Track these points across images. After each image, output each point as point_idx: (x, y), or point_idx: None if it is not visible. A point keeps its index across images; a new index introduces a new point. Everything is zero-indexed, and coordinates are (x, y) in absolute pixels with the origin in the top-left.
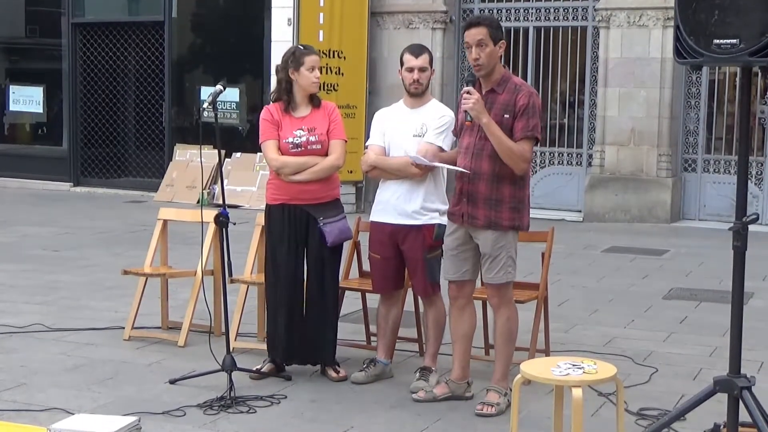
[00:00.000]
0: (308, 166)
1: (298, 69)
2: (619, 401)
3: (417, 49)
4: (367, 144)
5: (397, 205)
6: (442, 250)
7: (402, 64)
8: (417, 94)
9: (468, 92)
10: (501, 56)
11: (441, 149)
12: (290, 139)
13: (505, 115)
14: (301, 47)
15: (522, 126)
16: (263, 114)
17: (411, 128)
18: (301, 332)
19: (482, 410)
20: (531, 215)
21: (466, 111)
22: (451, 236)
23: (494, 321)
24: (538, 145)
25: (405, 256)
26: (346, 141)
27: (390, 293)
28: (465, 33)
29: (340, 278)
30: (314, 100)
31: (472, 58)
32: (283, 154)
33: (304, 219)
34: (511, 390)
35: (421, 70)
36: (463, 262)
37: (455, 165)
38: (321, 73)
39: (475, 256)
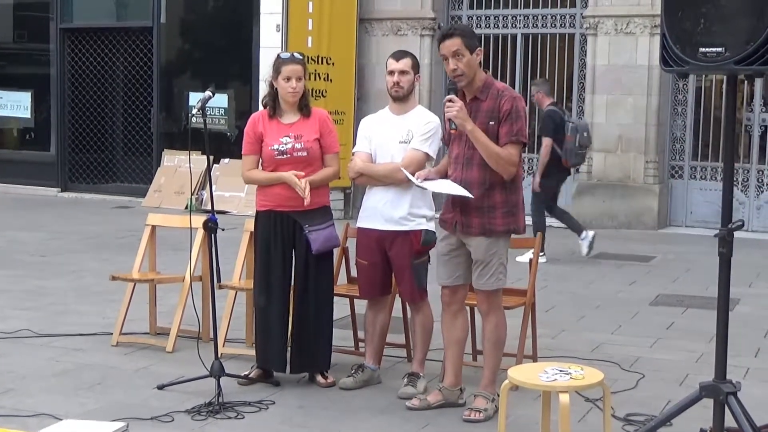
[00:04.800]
0: (276, 180)
1: (276, 78)
2: (606, 407)
3: (399, 54)
4: (353, 151)
5: (384, 211)
6: (429, 256)
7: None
8: (398, 97)
9: (450, 100)
10: (480, 63)
11: (427, 155)
12: (276, 146)
13: (491, 122)
14: (282, 56)
15: (507, 131)
16: (247, 125)
17: (397, 135)
18: (295, 340)
19: (470, 416)
20: None
21: (450, 120)
22: (443, 241)
23: (482, 327)
24: (526, 150)
25: (392, 262)
26: (338, 152)
27: (377, 299)
28: (440, 45)
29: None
30: (304, 108)
31: (450, 70)
32: (268, 161)
33: (292, 226)
34: (498, 395)
35: (402, 73)
36: (456, 266)
37: (446, 175)
38: (309, 79)
39: (468, 261)
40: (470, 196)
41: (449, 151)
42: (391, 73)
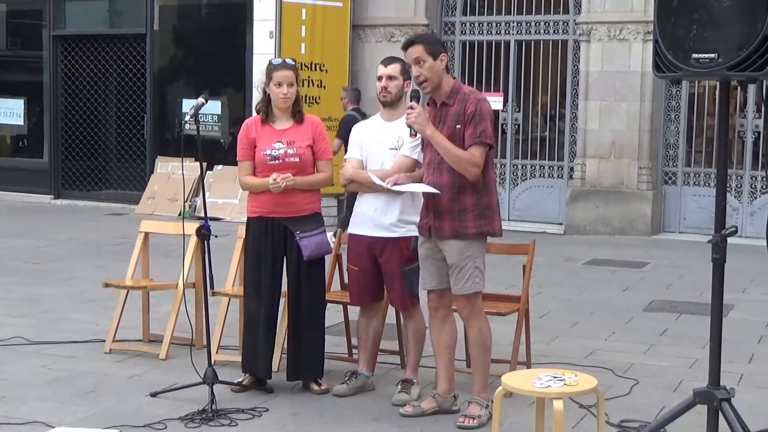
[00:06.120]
0: (266, 185)
1: (268, 84)
2: (600, 413)
3: (388, 60)
4: (345, 158)
5: (374, 218)
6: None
7: None
8: (387, 102)
9: (411, 107)
10: (447, 68)
11: (416, 162)
12: (268, 151)
13: (457, 125)
14: (274, 62)
15: (471, 133)
16: (241, 130)
17: (387, 141)
18: (290, 347)
19: (464, 422)
20: (513, 228)
21: (410, 126)
22: (423, 245)
23: (466, 333)
24: (496, 153)
25: (382, 268)
26: (330, 158)
27: (369, 305)
28: (405, 54)
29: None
30: (297, 115)
31: (414, 77)
32: (261, 166)
33: (283, 232)
34: (492, 402)
35: (390, 78)
36: (439, 270)
37: (421, 181)
38: (303, 85)
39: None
40: (437, 192)
41: (423, 157)
42: (380, 78)
